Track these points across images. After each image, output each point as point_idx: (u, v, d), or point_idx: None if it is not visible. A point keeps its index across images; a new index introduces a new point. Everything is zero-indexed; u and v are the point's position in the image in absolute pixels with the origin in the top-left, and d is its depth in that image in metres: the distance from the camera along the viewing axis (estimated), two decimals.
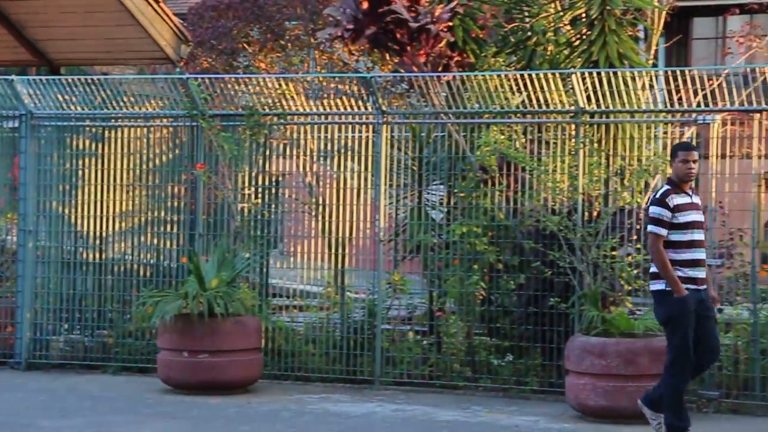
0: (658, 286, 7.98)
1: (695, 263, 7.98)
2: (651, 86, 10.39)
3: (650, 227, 7.99)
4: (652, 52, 12.11)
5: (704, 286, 8.04)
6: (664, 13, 12.02)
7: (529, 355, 10.34)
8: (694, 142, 10.12)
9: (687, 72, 9.94)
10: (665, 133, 10.35)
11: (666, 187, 8.09)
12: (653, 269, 8.04)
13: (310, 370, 10.90)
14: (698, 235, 8.02)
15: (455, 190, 10.72)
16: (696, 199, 8.15)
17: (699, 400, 9.57)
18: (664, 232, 7.93)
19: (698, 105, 9.96)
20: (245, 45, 14.56)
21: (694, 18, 19.14)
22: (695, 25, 19.47)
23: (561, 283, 10.09)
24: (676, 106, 10.02)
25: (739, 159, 9.98)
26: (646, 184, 10.32)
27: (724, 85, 9.99)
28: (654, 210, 7.99)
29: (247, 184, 11.27)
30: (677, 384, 8.01)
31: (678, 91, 9.91)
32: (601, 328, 9.36)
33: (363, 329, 10.84)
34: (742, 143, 9.89)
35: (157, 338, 10.53)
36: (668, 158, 9.99)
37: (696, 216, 8.04)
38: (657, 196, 8.07)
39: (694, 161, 8.08)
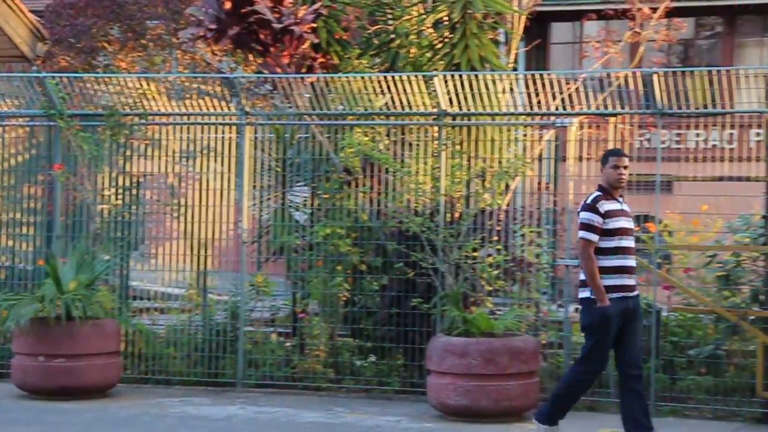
0: (585, 294, 7.90)
1: (623, 270, 7.88)
2: (511, 89, 10.55)
3: (581, 233, 7.85)
4: (512, 55, 12.31)
5: (633, 293, 7.95)
6: (523, 17, 12.23)
7: (391, 356, 10.40)
8: (552, 145, 10.35)
9: (546, 76, 10.15)
10: (525, 135, 10.54)
11: (597, 193, 7.96)
12: (583, 276, 7.92)
13: (171, 373, 10.76)
14: (627, 242, 7.91)
15: (319, 192, 10.72)
16: (626, 207, 8.05)
17: None
18: (595, 238, 7.81)
19: (556, 108, 10.18)
20: (105, 44, 14.31)
21: (552, 23, 19.57)
22: (554, 30, 19.92)
23: (423, 284, 10.18)
24: (536, 109, 10.21)
25: (595, 161, 10.18)
26: (507, 186, 10.50)
27: (581, 89, 10.23)
28: (585, 216, 7.86)
29: (107, 185, 11.08)
30: (575, 385, 8.07)
31: (537, 95, 10.10)
32: (462, 328, 9.47)
33: (225, 331, 10.75)
34: (598, 146, 10.13)
35: (12, 342, 10.26)
36: (528, 160, 10.24)
37: (625, 223, 7.95)
38: (588, 201, 7.93)
39: (625, 167, 7.99)
